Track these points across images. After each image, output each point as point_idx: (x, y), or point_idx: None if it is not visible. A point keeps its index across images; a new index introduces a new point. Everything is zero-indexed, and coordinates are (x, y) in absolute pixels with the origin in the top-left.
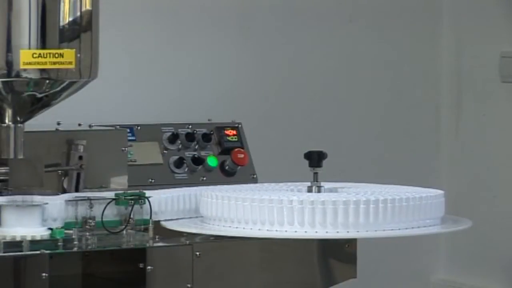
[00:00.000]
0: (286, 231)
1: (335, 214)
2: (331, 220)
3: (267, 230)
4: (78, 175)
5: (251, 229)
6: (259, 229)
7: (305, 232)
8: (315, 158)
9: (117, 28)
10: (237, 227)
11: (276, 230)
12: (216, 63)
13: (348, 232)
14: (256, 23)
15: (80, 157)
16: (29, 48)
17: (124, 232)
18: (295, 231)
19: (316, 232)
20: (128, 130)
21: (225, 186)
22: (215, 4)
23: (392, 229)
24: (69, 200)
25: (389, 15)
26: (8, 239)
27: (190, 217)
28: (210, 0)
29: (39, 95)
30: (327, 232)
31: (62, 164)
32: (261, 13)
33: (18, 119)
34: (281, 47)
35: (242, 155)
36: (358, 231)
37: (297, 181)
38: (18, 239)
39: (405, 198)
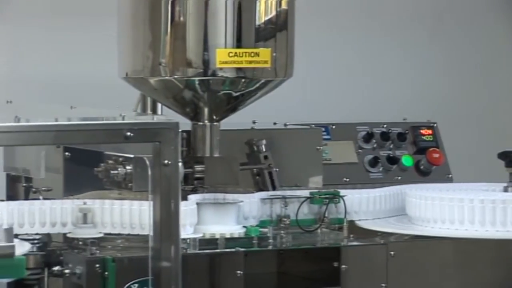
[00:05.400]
0: (486, 231)
1: None
2: None
3: (465, 230)
4: (270, 174)
5: (447, 229)
6: (456, 229)
7: (507, 231)
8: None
9: (312, 28)
10: (432, 227)
11: (476, 230)
12: (412, 62)
13: None
14: (450, 23)
15: (266, 157)
16: (225, 47)
17: (319, 230)
18: (496, 231)
19: None
20: (323, 129)
21: (424, 185)
22: (410, 3)
23: None
24: (264, 199)
25: None
26: (204, 236)
27: (385, 217)
28: (405, 0)
29: (234, 94)
30: None
31: (254, 164)
32: (454, 14)
33: (214, 117)
34: (476, 46)
35: (437, 155)
36: None
37: (492, 182)
38: (214, 236)
39: None
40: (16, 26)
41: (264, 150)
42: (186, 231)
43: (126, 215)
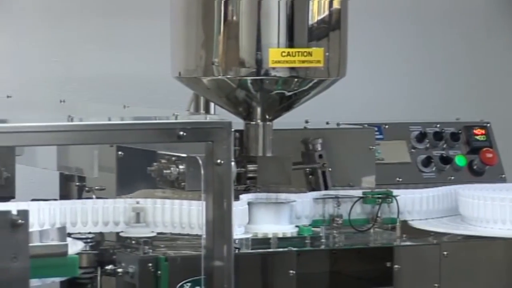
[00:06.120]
0: None
1: None
2: None
3: None
4: (324, 173)
5: (502, 229)
6: (510, 229)
7: None
8: None
9: (366, 28)
10: (487, 227)
11: None
12: (464, 62)
13: None
14: (505, 21)
15: (320, 156)
16: (278, 47)
17: (372, 230)
18: None
19: None
20: (376, 129)
21: (478, 185)
22: (463, 3)
23: None
24: (317, 198)
25: None
26: (257, 236)
27: (438, 217)
28: (454, 2)
29: (287, 94)
30: None
31: (309, 163)
32: (505, 14)
33: (267, 117)
34: None
35: (490, 155)
36: None
37: None
38: (266, 236)
39: None
40: (69, 25)
41: (319, 149)
42: (236, 231)
43: (180, 215)
